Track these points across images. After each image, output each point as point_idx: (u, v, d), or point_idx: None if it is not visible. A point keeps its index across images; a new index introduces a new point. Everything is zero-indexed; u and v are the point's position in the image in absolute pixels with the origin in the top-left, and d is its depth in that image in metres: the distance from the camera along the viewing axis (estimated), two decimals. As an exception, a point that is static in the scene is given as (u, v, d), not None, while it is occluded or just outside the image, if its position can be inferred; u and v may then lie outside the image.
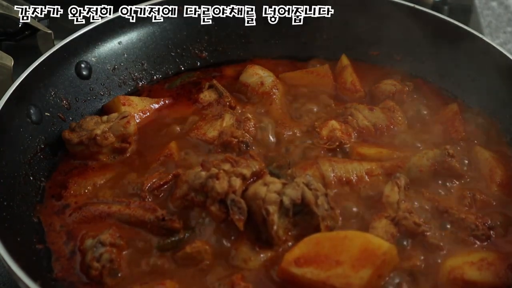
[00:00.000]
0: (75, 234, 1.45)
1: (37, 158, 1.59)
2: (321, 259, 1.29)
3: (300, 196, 1.37)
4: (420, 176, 1.53)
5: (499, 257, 1.37)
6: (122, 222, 1.46)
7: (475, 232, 1.41)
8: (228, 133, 1.61)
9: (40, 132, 1.62)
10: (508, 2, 2.52)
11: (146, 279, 1.35)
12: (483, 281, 1.33)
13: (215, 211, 1.40)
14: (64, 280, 1.36)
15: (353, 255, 1.28)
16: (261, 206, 1.36)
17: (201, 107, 1.77)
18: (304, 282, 1.29)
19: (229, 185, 1.39)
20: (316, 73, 1.86)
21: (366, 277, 1.26)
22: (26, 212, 1.49)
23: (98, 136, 1.59)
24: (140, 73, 1.88)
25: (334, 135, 1.63)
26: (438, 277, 1.35)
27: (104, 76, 1.81)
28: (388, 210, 1.43)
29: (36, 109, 1.62)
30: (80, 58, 1.76)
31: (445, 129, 1.70)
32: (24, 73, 1.60)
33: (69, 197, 1.54)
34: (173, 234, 1.42)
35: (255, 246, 1.38)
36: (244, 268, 1.36)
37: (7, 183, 1.46)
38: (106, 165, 1.62)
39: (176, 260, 1.38)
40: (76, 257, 1.40)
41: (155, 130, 1.71)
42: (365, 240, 1.31)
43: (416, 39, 1.85)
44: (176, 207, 1.47)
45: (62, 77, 1.72)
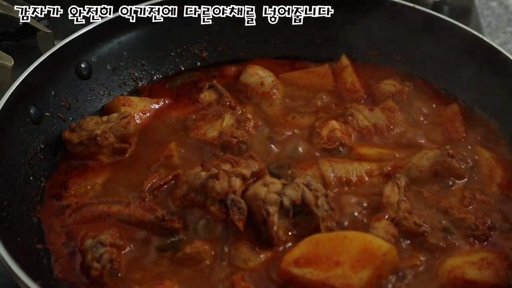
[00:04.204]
0: (75, 235, 1.45)
1: (37, 158, 1.59)
2: (321, 259, 1.29)
3: (300, 197, 1.37)
4: (420, 176, 1.53)
5: (499, 257, 1.37)
6: (122, 222, 1.46)
7: (475, 232, 1.41)
8: (228, 133, 1.61)
9: (40, 132, 1.62)
10: (508, 2, 2.52)
11: (146, 279, 1.35)
12: (484, 280, 1.32)
13: (215, 211, 1.40)
14: (65, 280, 1.36)
15: (353, 256, 1.28)
16: (261, 207, 1.36)
17: (201, 107, 1.77)
18: (304, 283, 1.29)
19: (229, 185, 1.39)
20: (316, 73, 1.86)
21: (366, 277, 1.26)
22: (26, 212, 1.49)
23: (98, 137, 1.59)
24: (140, 73, 1.88)
25: (334, 135, 1.64)
26: (438, 277, 1.35)
27: (104, 76, 1.81)
28: (388, 211, 1.43)
29: (36, 109, 1.62)
30: (80, 58, 1.76)
31: (445, 129, 1.70)
32: (24, 73, 1.60)
33: (69, 197, 1.54)
34: (173, 234, 1.42)
35: (255, 246, 1.38)
36: (244, 268, 1.36)
37: (7, 183, 1.46)
38: (106, 165, 1.62)
39: (176, 260, 1.38)
40: (76, 258, 1.40)
41: (155, 130, 1.71)
42: (365, 240, 1.31)
43: (416, 39, 1.85)
44: (176, 207, 1.47)
45: (62, 77, 1.72)
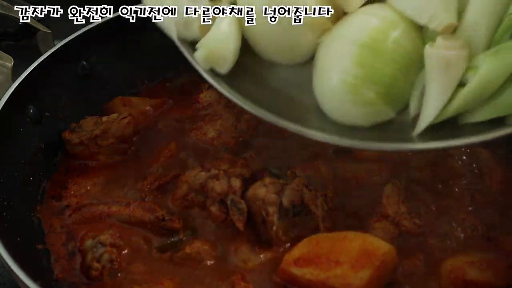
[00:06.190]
0: (75, 235, 1.45)
1: (37, 158, 1.59)
2: (320, 259, 1.29)
3: (299, 197, 1.37)
4: (420, 176, 1.53)
5: (499, 257, 1.37)
6: (122, 222, 1.46)
7: (475, 232, 1.42)
8: (228, 133, 1.61)
9: (40, 132, 1.62)
10: (508, 2, 2.52)
11: (146, 279, 1.36)
12: (484, 280, 1.32)
13: (215, 211, 1.41)
14: (65, 280, 1.37)
15: (352, 256, 1.28)
16: (260, 207, 1.36)
17: (201, 107, 1.77)
18: (304, 283, 1.29)
19: (229, 185, 1.39)
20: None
21: (366, 277, 1.26)
22: (26, 212, 1.49)
23: (98, 137, 1.59)
24: (140, 73, 1.88)
25: (334, 135, 1.63)
26: (438, 277, 1.35)
27: (104, 76, 1.81)
28: (388, 211, 1.43)
29: (36, 109, 1.62)
30: (80, 58, 1.76)
31: (445, 129, 1.70)
32: (24, 73, 1.60)
33: (69, 198, 1.54)
34: (173, 234, 1.42)
35: (255, 246, 1.38)
36: (244, 268, 1.36)
37: (7, 183, 1.47)
38: (106, 165, 1.62)
39: (176, 261, 1.38)
40: (76, 258, 1.41)
41: (155, 130, 1.72)
42: (365, 240, 1.31)
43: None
44: (176, 207, 1.48)
45: (62, 77, 1.72)
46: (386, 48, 1.16)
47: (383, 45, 1.16)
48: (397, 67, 1.17)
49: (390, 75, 1.17)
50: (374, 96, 1.18)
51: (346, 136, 1.19)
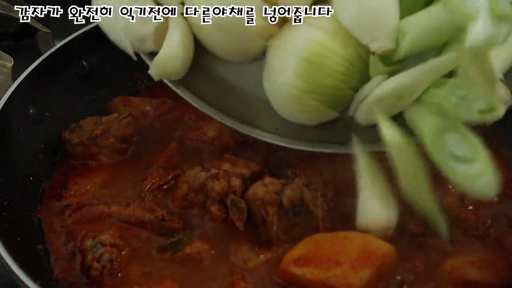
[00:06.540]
0: (75, 235, 1.45)
1: (37, 158, 1.59)
2: (320, 259, 1.29)
3: (299, 197, 1.37)
4: (420, 176, 1.52)
5: (499, 257, 1.37)
6: (122, 222, 1.46)
7: (475, 232, 1.42)
8: (227, 133, 1.61)
9: (40, 132, 1.62)
10: (508, 2, 2.52)
11: (146, 279, 1.36)
12: (484, 280, 1.32)
13: (215, 211, 1.41)
14: (65, 280, 1.37)
15: (352, 256, 1.28)
16: (260, 207, 1.36)
17: (201, 107, 1.77)
18: (304, 282, 1.29)
19: (229, 185, 1.39)
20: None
21: (366, 277, 1.26)
22: (26, 212, 1.49)
23: (98, 137, 1.59)
24: (140, 73, 1.87)
25: (335, 134, 1.64)
26: (438, 277, 1.35)
27: (104, 76, 1.81)
28: (388, 211, 1.43)
29: (36, 109, 1.62)
30: (80, 58, 1.76)
31: (445, 129, 1.70)
32: (24, 73, 1.60)
33: (69, 197, 1.54)
34: (173, 234, 1.42)
35: (255, 246, 1.38)
36: (244, 268, 1.36)
37: (7, 183, 1.47)
38: (106, 165, 1.62)
39: (176, 261, 1.38)
40: (76, 258, 1.41)
41: (155, 130, 1.72)
42: (365, 240, 1.31)
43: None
44: (176, 207, 1.48)
45: (62, 77, 1.72)
46: (327, 61, 1.23)
47: (324, 60, 1.23)
48: (339, 77, 1.24)
49: (331, 85, 1.25)
50: (317, 104, 1.26)
51: (294, 134, 1.32)
